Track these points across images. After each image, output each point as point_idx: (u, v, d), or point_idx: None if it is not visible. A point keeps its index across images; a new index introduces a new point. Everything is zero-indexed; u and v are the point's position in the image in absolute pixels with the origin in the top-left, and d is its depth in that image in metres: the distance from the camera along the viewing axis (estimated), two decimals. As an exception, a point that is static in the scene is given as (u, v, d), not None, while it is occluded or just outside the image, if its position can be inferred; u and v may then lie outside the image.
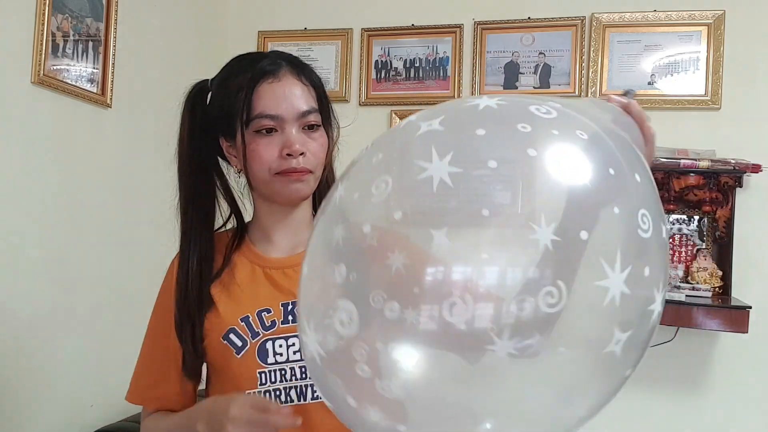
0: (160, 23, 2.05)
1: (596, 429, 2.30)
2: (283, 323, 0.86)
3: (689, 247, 2.05)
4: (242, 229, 0.97)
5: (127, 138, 1.89)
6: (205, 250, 0.93)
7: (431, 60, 2.31)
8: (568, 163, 0.50)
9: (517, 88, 2.23)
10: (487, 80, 2.26)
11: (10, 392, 1.51)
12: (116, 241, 1.85)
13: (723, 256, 1.99)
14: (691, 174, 1.96)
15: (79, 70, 1.67)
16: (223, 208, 0.98)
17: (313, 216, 0.97)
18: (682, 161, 1.96)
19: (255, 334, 0.86)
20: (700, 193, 1.97)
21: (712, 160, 1.94)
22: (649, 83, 2.13)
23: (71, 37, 1.64)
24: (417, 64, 2.32)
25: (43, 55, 1.52)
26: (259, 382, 0.85)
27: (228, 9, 2.47)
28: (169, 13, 2.09)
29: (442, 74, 2.30)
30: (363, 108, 2.34)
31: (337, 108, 2.36)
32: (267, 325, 0.87)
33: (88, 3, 1.69)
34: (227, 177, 0.98)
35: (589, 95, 2.15)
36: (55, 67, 1.58)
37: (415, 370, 0.49)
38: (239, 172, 0.93)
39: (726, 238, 1.97)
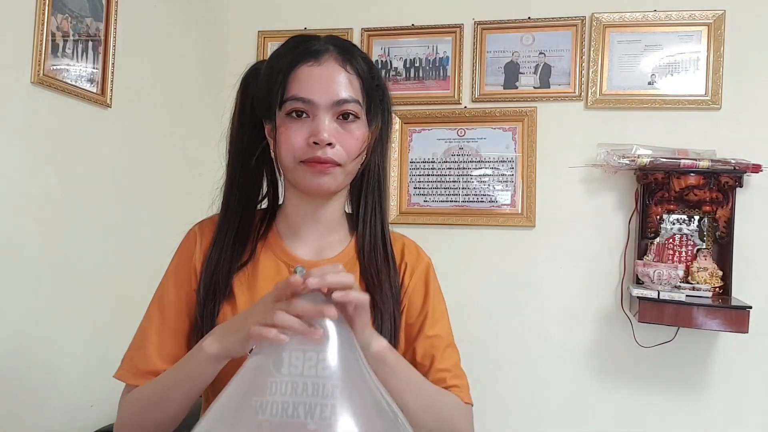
0: (160, 23, 2.05)
1: (596, 428, 2.31)
2: None
3: (689, 247, 2.05)
4: (271, 216, 0.93)
5: (127, 138, 1.89)
6: (242, 230, 0.90)
7: (431, 60, 2.31)
8: None
9: (517, 88, 2.23)
10: (487, 80, 2.26)
11: (11, 392, 1.50)
12: (116, 241, 1.85)
13: (723, 256, 1.99)
14: (691, 174, 1.96)
15: (78, 70, 1.67)
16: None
17: (348, 217, 0.94)
18: (682, 161, 1.96)
19: None
20: (700, 193, 1.97)
21: (712, 160, 1.94)
22: (649, 83, 2.13)
23: (71, 37, 1.64)
24: (417, 64, 2.32)
25: (43, 55, 1.52)
26: (269, 391, 0.77)
27: (228, 9, 2.47)
28: (169, 13, 2.09)
29: (442, 74, 2.30)
30: (363, 108, 2.33)
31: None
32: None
33: (88, 3, 1.69)
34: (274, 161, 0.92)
35: (589, 95, 2.15)
36: (54, 67, 1.58)
37: None
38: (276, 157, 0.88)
39: (726, 238, 1.97)
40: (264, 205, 0.95)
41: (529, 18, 2.23)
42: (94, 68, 1.73)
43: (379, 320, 0.84)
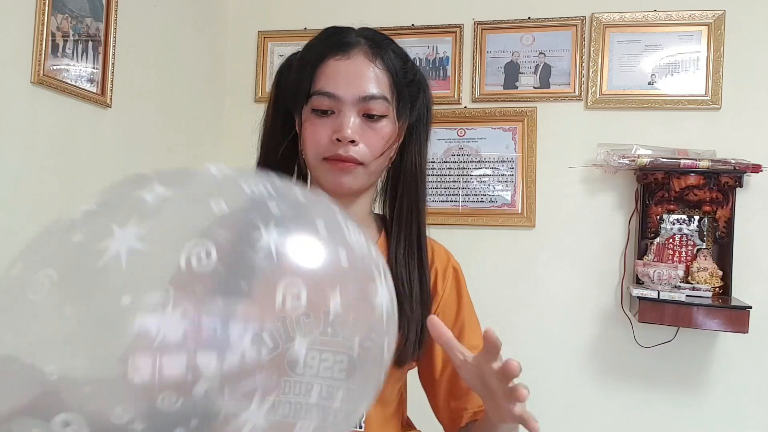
0: (160, 23, 2.05)
1: (596, 429, 2.31)
2: (322, 333, 0.77)
3: (689, 247, 2.05)
4: None
5: (127, 138, 1.89)
6: None
7: (431, 60, 2.31)
8: None
9: (517, 88, 2.23)
10: (487, 80, 2.26)
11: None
12: (116, 241, 1.85)
13: (723, 256, 1.99)
14: (691, 174, 1.96)
15: (78, 70, 1.67)
16: None
17: (378, 218, 0.91)
18: (682, 161, 1.96)
19: (289, 338, 0.78)
20: (700, 193, 1.97)
21: (712, 160, 1.94)
22: (649, 83, 2.13)
23: (71, 37, 1.64)
24: (417, 64, 2.32)
25: (43, 55, 1.52)
26: (283, 389, 0.76)
27: (228, 9, 2.47)
28: (169, 13, 2.09)
29: (442, 74, 2.30)
30: (363, 108, 2.34)
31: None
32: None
33: (88, 3, 1.69)
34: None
35: (589, 95, 2.15)
36: (54, 67, 1.58)
37: None
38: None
39: (726, 238, 1.97)
40: None
41: (529, 18, 2.22)
42: (94, 68, 1.73)
43: (405, 328, 0.80)
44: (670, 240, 2.06)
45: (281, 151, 0.86)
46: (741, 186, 1.97)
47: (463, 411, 0.85)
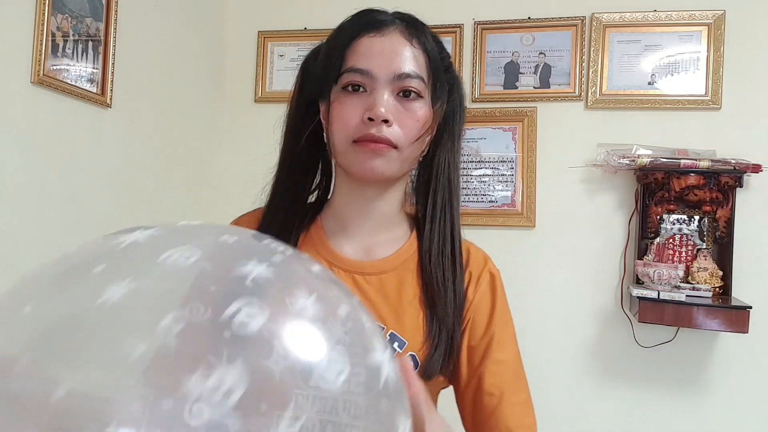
0: (160, 23, 2.05)
1: (596, 428, 2.31)
2: None
3: (689, 247, 2.05)
4: (319, 209, 0.84)
5: (127, 138, 1.89)
6: (287, 224, 0.80)
7: (431, 60, 2.31)
8: None
9: (517, 88, 2.23)
10: (487, 80, 2.26)
11: (10, 392, 1.50)
12: (116, 241, 1.85)
13: (723, 256, 1.99)
14: (692, 174, 1.96)
15: (78, 70, 1.67)
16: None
17: (410, 216, 0.84)
18: (682, 161, 1.96)
19: None
20: (700, 193, 1.97)
21: (712, 160, 1.94)
22: (649, 83, 2.13)
23: (71, 37, 1.64)
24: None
25: (43, 55, 1.52)
26: (294, 403, 0.71)
27: (228, 9, 2.47)
28: (169, 13, 2.09)
29: (442, 74, 2.30)
30: (363, 108, 2.34)
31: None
32: None
33: (88, 3, 1.69)
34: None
35: (589, 95, 2.15)
36: (54, 67, 1.58)
37: None
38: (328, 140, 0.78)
39: (726, 238, 1.97)
40: (314, 198, 0.86)
41: (529, 18, 2.22)
42: (94, 68, 1.73)
43: (436, 334, 0.74)
44: (670, 240, 2.06)
45: (306, 146, 0.81)
46: (741, 186, 1.97)
47: (517, 409, 0.77)
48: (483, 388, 0.75)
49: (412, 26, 0.77)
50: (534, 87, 2.22)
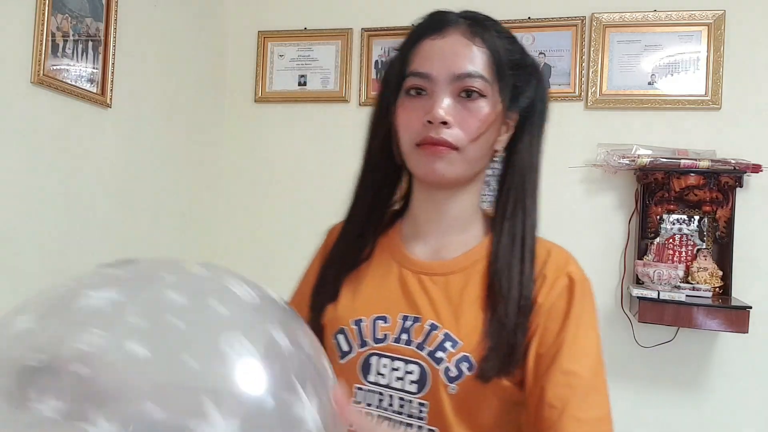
0: (160, 23, 2.05)
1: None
2: (395, 341, 0.74)
3: (689, 247, 2.05)
4: (400, 215, 0.85)
5: (127, 138, 1.89)
6: (365, 230, 0.82)
7: (431, 60, 2.31)
8: None
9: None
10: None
11: (10, 392, 1.50)
12: (116, 241, 1.85)
13: (723, 256, 1.99)
14: (691, 174, 1.96)
15: (79, 70, 1.67)
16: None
17: (490, 218, 0.82)
18: (682, 161, 1.96)
19: (363, 343, 0.76)
20: (700, 193, 1.97)
21: (712, 160, 1.94)
22: (649, 83, 2.13)
23: (71, 37, 1.64)
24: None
25: (43, 55, 1.52)
26: (354, 398, 0.75)
27: (228, 9, 2.47)
28: (169, 13, 2.09)
29: (442, 74, 2.30)
30: (363, 108, 2.34)
31: (337, 108, 2.39)
32: (378, 337, 0.75)
33: (88, 3, 1.69)
34: None
35: (589, 95, 2.15)
36: (54, 67, 1.58)
37: None
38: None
39: (726, 238, 1.97)
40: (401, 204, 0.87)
41: (529, 18, 2.22)
42: (94, 68, 1.73)
43: (494, 336, 0.71)
44: (670, 240, 2.06)
45: (386, 153, 0.80)
46: (741, 186, 1.97)
47: (581, 428, 0.70)
48: (545, 398, 0.70)
49: (476, 24, 0.76)
50: (534, 87, 2.22)
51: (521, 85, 0.77)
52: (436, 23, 0.75)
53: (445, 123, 0.71)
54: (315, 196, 2.31)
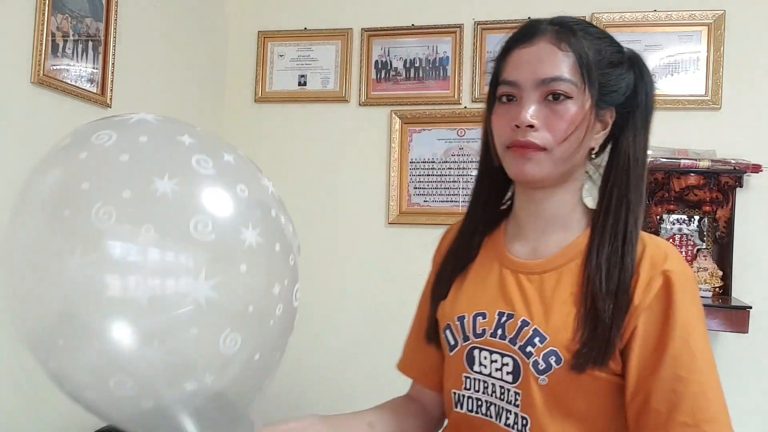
0: (160, 23, 2.05)
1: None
2: (491, 335, 0.80)
3: (689, 247, 2.05)
4: (506, 212, 0.90)
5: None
6: (478, 230, 0.89)
7: (431, 60, 2.31)
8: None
9: (517, 88, 2.23)
10: (487, 80, 2.25)
11: (11, 392, 1.50)
12: (116, 241, 1.85)
13: (723, 256, 1.99)
14: (691, 174, 1.96)
15: (79, 70, 1.67)
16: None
17: (588, 211, 0.85)
18: (682, 161, 1.96)
19: (465, 338, 0.83)
20: (700, 193, 1.96)
21: (712, 160, 1.94)
22: (649, 83, 2.13)
23: (71, 37, 1.64)
24: (417, 64, 2.32)
25: (43, 55, 1.52)
26: (464, 386, 0.83)
27: (228, 9, 2.47)
28: (169, 13, 2.09)
29: (442, 74, 2.30)
30: (363, 108, 2.34)
31: (337, 108, 2.40)
32: (478, 332, 0.81)
33: (88, 3, 1.69)
34: None
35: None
36: (54, 67, 1.58)
37: None
38: None
39: (726, 238, 1.97)
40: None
41: (529, 18, 2.21)
42: (94, 68, 1.73)
43: (589, 330, 0.73)
44: (670, 240, 2.06)
45: (489, 155, 0.86)
46: (741, 186, 1.97)
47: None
48: (650, 403, 0.73)
49: (563, 30, 0.79)
50: (534, 87, 2.22)
51: (613, 82, 0.79)
52: (526, 32, 0.81)
53: (531, 126, 0.75)
54: (315, 195, 2.31)
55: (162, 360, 0.56)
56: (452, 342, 0.84)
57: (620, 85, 0.80)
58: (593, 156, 0.84)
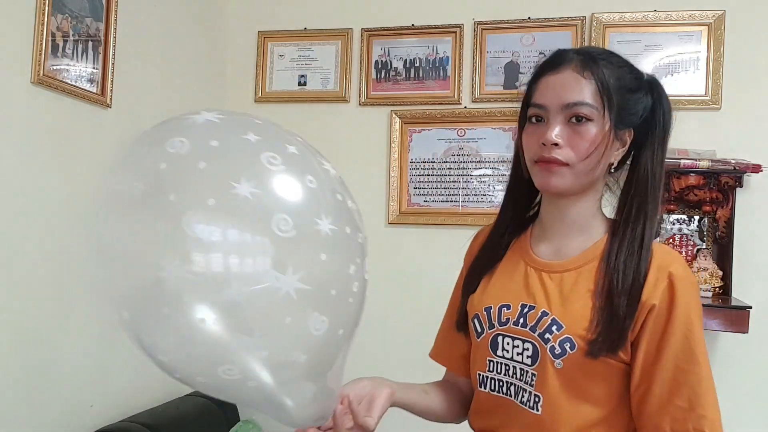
0: (160, 23, 2.05)
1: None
2: (514, 323, 0.90)
3: (689, 247, 2.05)
4: (533, 217, 1.01)
5: (127, 138, 1.89)
6: (507, 233, 1.00)
7: (431, 60, 2.31)
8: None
9: (517, 88, 2.23)
10: (487, 80, 2.26)
11: (11, 392, 1.51)
12: (116, 241, 1.85)
13: (723, 256, 1.99)
14: (692, 174, 1.96)
15: (78, 70, 1.67)
16: None
17: (610, 221, 0.95)
18: (682, 161, 1.96)
19: (491, 326, 0.93)
20: (700, 193, 1.96)
21: (712, 160, 1.94)
22: (649, 83, 2.13)
23: (71, 37, 1.64)
24: (417, 64, 2.32)
25: (43, 55, 1.52)
26: (487, 368, 0.94)
27: (228, 9, 2.47)
28: (169, 13, 2.09)
29: (442, 74, 2.30)
30: (363, 108, 2.34)
31: (337, 108, 2.40)
32: (502, 320, 0.92)
33: (88, 3, 1.69)
34: None
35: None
36: (54, 67, 1.58)
37: None
38: None
39: (726, 238, 1.97)
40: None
41: (529, 18, 2.22)
42: (94, 68, 1.73)
43: (605, 322, 0.84)
44: (670, 240, 2.06)
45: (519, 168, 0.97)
46: (741, 186, 1.97)
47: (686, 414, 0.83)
48: (652, 389, 0.84)
49: (587, 59, 0.88)
50: (534, 87, 2.22)
51: (632, 106, 0.90)
52: (554, 61, 0.90)
53: (556, 144, 0.85)
54: (315, 196, 2.31)
55: (262, 348, 0.66)
56: (479, 330, 0.95)
57: (638, 109, 0.91)
58: (612, 170, 0.93)
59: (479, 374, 0.95)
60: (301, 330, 0.66)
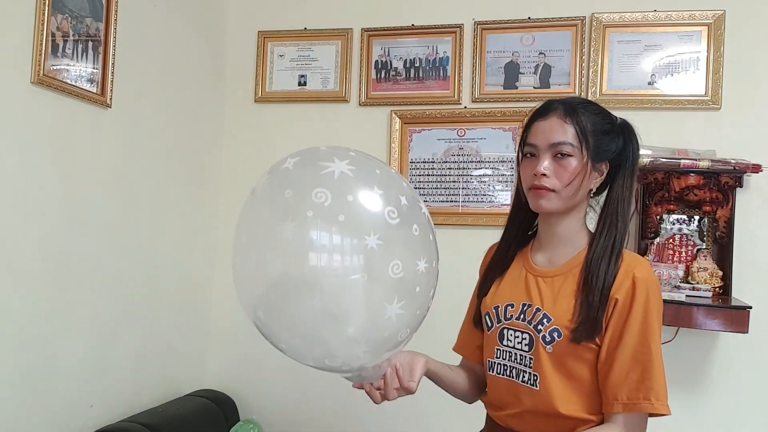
0: (160, 23, 2.05)
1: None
2: (517, 318, 1.13)
3: (689, 247, 2.05)
4: (534, 233, 1.23)
5: (127, 138, 1.89)
6: (514, 245, 1.23)
7: (431, 60, 2.31)
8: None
9: (517, 88, 2.23)
10: (487, 80, 2.26)
11: (11, 392, 1.51)
12: (116, 241, 1.85)
13: (723, 256, 1.99)
14: (692, 174, 1.96)
15: (78, 70, 1.67)
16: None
17: (590, 233, 1.17)
18: (682, 161, 1.96)
19: (499, 321, 1.16)
20: (700, 193, 1.96)
21: (712, 160, 1.94)
22: (649, 83, 2.13)
23: (71, 37, 1.64)
24: (417, 64, 2.32)
25: (43, 55, 1.52)
26: (495, 355, 1.17)
27: (228, 9, 2.48)
28: (169, 13, 2.09)
29: (442, 74, 2.30)
30: (363, 108, 2.34)
31: (337, 108, 2.42)
32: (507, 317, 1.15)
33: (88, 3, 1.69)
34: None
35: (590, 95, 2.15)
36: (54, 67, 1.58)
37: None
38: None
39: (726, 238, 1.97)
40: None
41: (529, 18, 2.22)
42: (94, 68, 1.73)
43: (584, 315, 1.05)
44: (670, 240, 2.06)
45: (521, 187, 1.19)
46: (741, 186, 1.97)
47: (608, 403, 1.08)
48: (613, 367, 1.05)
49: (569, 109, 1.11)
50: (534, 87, 2.22)
51: (605, 145, 1.12)
52: (543, 110, 1.13)
53: (545, 175, 1.09)
54: (315, 196, 2.31)
55: (364, 353, 0.95)
56: (490, 324, 1.18)
57: (611, 147, 1.13)
58: (592, 195, 1.16)
59: (489, 360, 1.18)
60: (395, 341, 0.96)
